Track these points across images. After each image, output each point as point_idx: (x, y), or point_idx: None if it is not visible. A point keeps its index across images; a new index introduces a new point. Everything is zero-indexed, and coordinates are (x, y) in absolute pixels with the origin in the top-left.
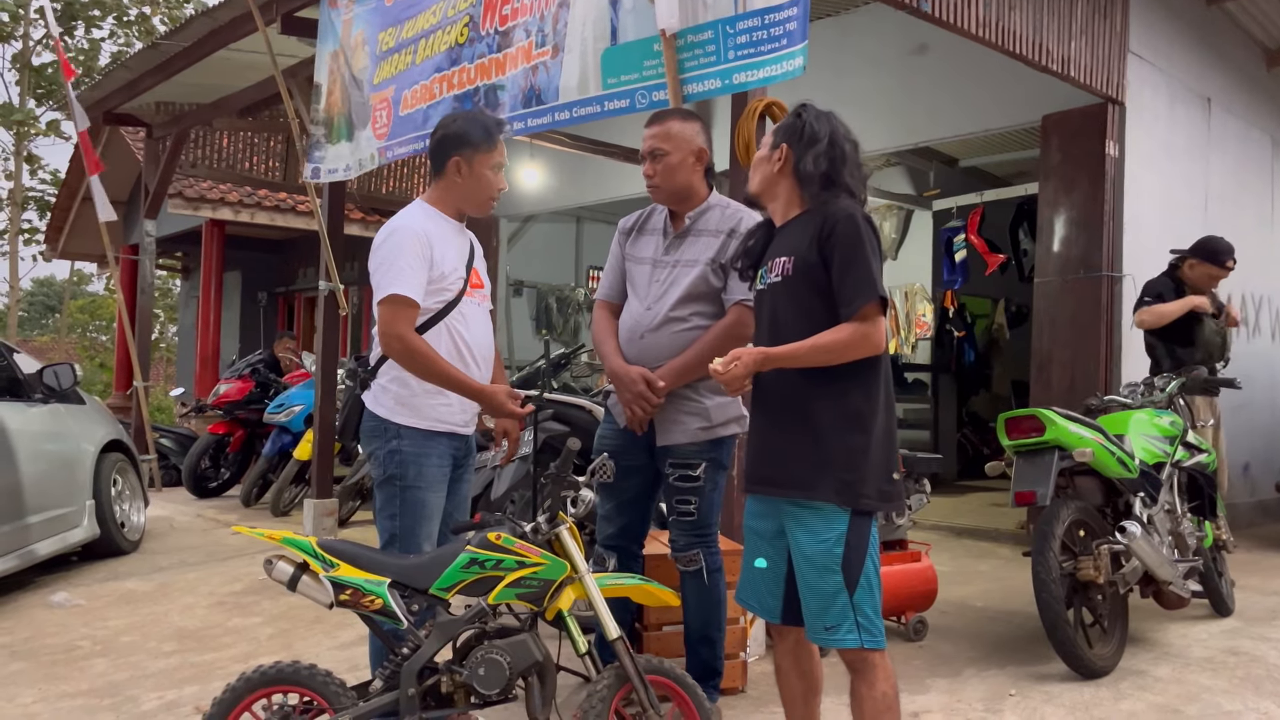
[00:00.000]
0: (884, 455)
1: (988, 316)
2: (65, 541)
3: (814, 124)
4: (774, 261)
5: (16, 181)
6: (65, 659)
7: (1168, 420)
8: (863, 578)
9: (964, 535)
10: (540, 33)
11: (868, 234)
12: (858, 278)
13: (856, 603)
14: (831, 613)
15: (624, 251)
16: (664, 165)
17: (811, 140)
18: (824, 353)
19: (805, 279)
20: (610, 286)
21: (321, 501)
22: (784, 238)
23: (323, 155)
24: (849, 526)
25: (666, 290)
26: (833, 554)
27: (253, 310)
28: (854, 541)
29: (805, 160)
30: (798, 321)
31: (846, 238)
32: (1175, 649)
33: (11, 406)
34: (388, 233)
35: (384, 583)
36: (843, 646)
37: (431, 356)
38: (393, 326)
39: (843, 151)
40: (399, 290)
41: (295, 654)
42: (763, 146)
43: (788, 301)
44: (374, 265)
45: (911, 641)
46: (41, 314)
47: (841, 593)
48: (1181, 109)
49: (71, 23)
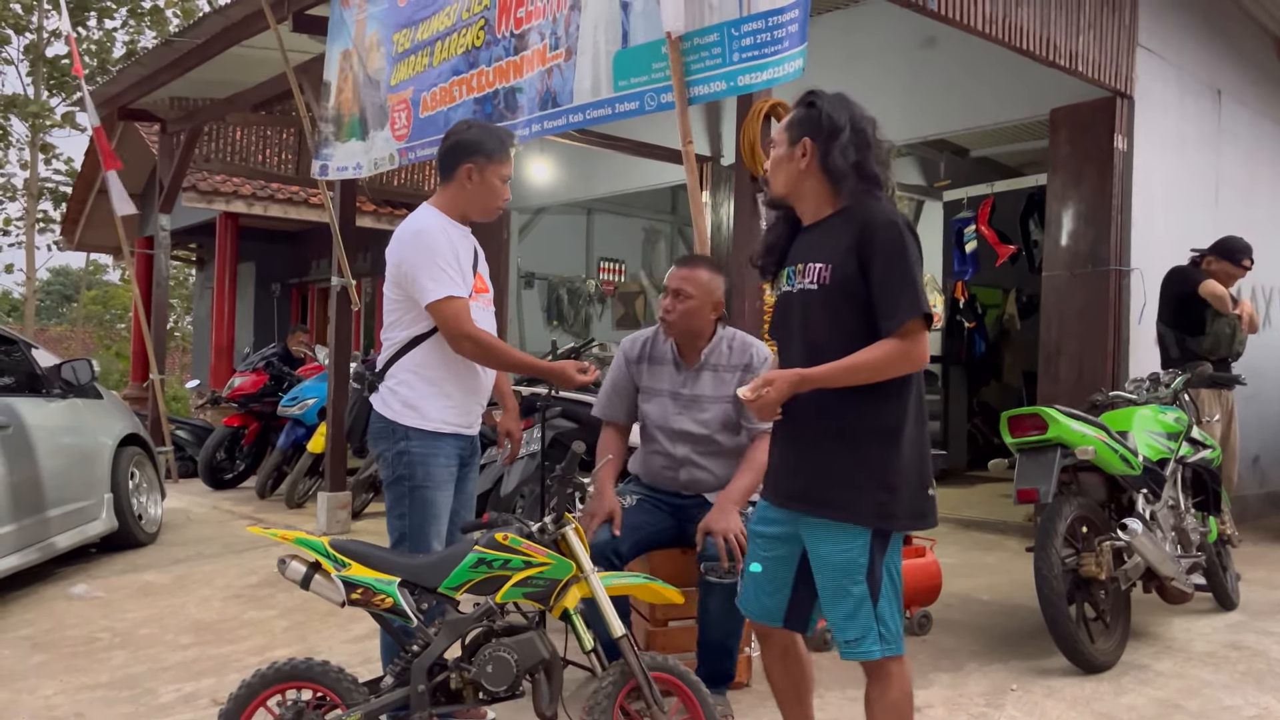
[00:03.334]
0: (917, 471)
1: (998, 307)
2: (84, 534)
3: (833, 112)
4: (807, 266)
5: (32, 173)
6: (85, 651)
7: (1172, 416)
8: (886, 587)
9: (972, 527)
10: (554, 35)
11: (911, 243)
12: (901, 291)
13: (880, 614)
14: (855, 625)
15: (634, 380)
16: (685, 307)
17: (834, 131)
18: (864, 372)
19: (842, 290)
20: (617, 409)
21: (335, 494)
22: (817, 239)
23: (331, 152)
24: (873, 538)
25: (690, 425)
26: (858, 565)
27: (266, 301)
28: (878, 553)
29: (833, 154)
30: (833, 335)
31: (889, 246)
32: (1178, 643)
33: (31, 402)
34: (413, 232)
35: (394, 582)
36: (867, 659)
37: (503, 347)
38: (460, 327)
39: (867, 136)
40: (451, 291)
41: (309, 647)
42: (778, 144)
43: (823, 313)
44: (409, 267)
45: (915, 636)
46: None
47: (865, 603)
48: (1192, 101)
49: (85, 14)
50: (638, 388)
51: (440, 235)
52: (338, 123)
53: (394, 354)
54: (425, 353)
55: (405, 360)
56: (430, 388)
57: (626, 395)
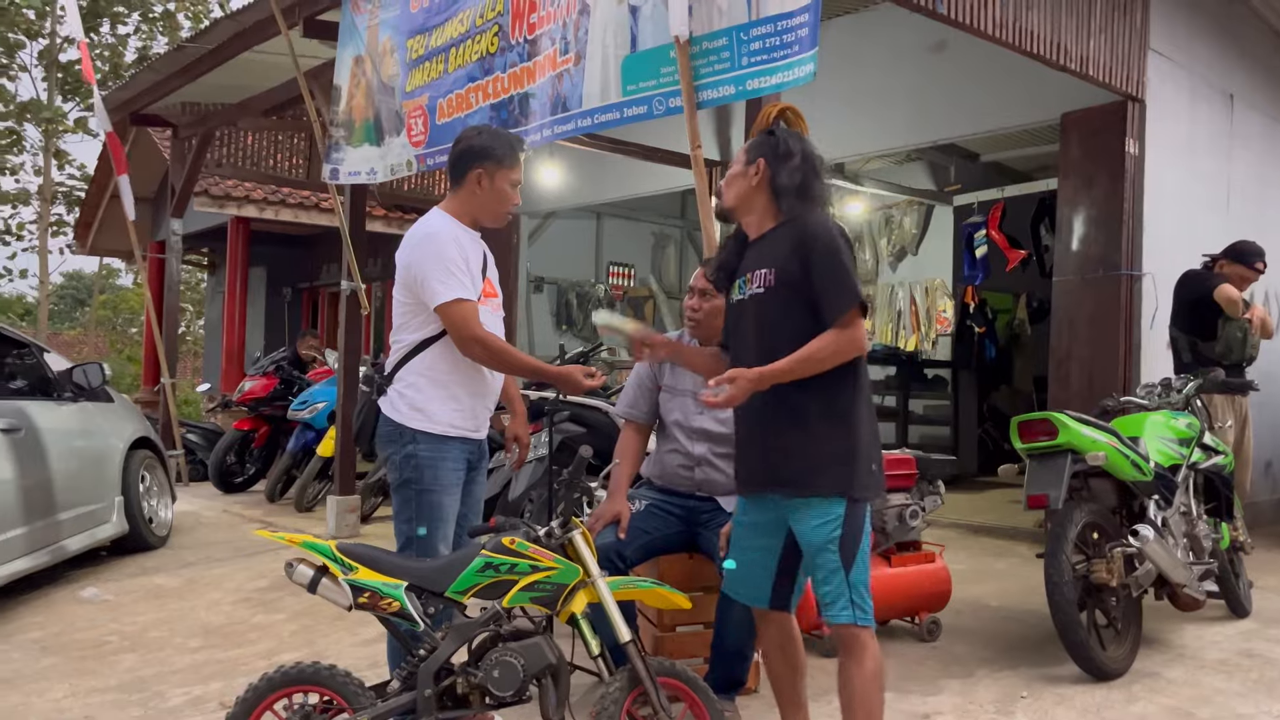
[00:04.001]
0: (869, 448)
1: (1009, 312)
2: (95, 537)
3: (787, 141)
4: (754, 273)
5: (46, 177)
6: (95, 654)
7: (1184, 422)
8: (858, 558)
9: (982, 533)
10: (564, 40)
11: (843, 245)
12: (838, 285)
13: (852, 581)
14: (828, 590)
15: (657, 379)
16: (711, 307)
17: (787, 155)
18: (814, 363)
19: (789, 288)
20: (638, 407)
21: (344, 498)
22: (762, 250)
23: (342, 157)
24: (845, 512)
25: (711, 424)
26: (832, 537)
27: (278, 305)
28: (850, 525)
29: (781, 174)
30: (783, 329)
31: (825, 248)
32: (1189, 651)
33: (42, 405)
34: (424, 236)
35: (401, 586)
36: (837, 621)
37: (510, 350)
38: (468, 330)
39: (814, 166)
40: (460, 294)
41: (317, 651)
42: (736, 162)
43: (773, 311)
44: (419, 270)
45: (925, 642)
46: (71, 307)
47: (839, 571)
48: (1204, 105)
49: (98, 19)
50: (660, 387)
51: (450, 239)
52: (349, 127)
53: (402, 357)
54: (434, 356)
55: (414, 363)
56: (438, 391)
57: (649, 395)
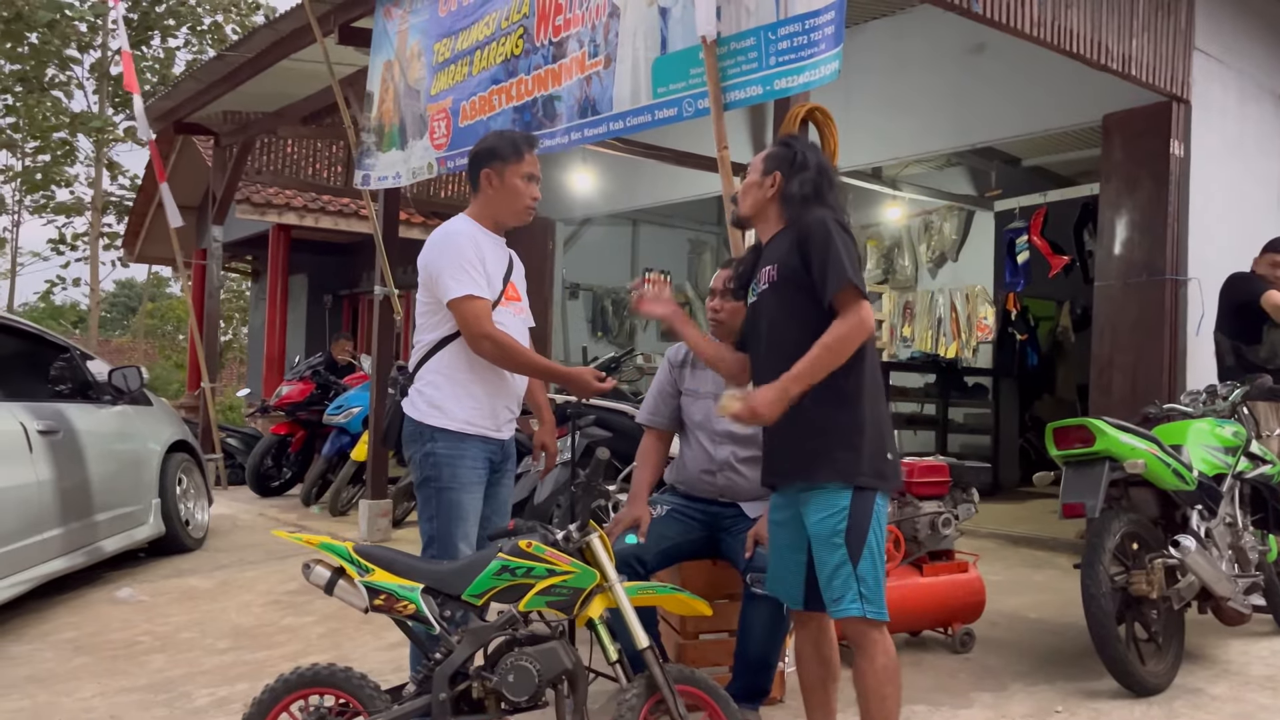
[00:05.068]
0: (876, 434)
1: (1052, 319)
2: (132, 539)
3: (804, 153)
4: (760, 273)
5: (97, 187)
6: (126, 654)
7: (1230, 430)
8: (865, 551)
9: (1021, 544)
10: (593, 43)
11: (838, 232)
12: (830, 268)
13: (860, 574)
14: (836, 584)
15: (677, 385)
16: (733, 305)
17: (802, 167)
18: (829, 355)
19: (789, 282)
20: (659, 413)
21: (376, 502)
22: (769, 252)
23: (373, 162)
24: (851, 502)
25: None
26: (837, 529)
27: (318, 312)
28: (856, 516)
29: (792, 183)
30: (788, 320)
31: (819, 237)
32: (1234, 666)
33: (81, 408)
34: (442, 235)
35: (417, 588)
36: (846, 615)
37: (521, 350)
38: (479, 326)
39: (829, 178)
40: (471, 290)
41: (343, 654)
42: (752, 171)
43: (776, 305)
44: (435, 268)
45: (957, 654)
46: (123, 315)
47: (845, 564)
48: (1253, 106)
49: (148, 32)
50: (681, 392)
51: (467, 239)
52: (379, 133)
53: (423, 356)
54: (452, 354)
55: (432, 362)
56: (456, 388)
57: (669, 400)
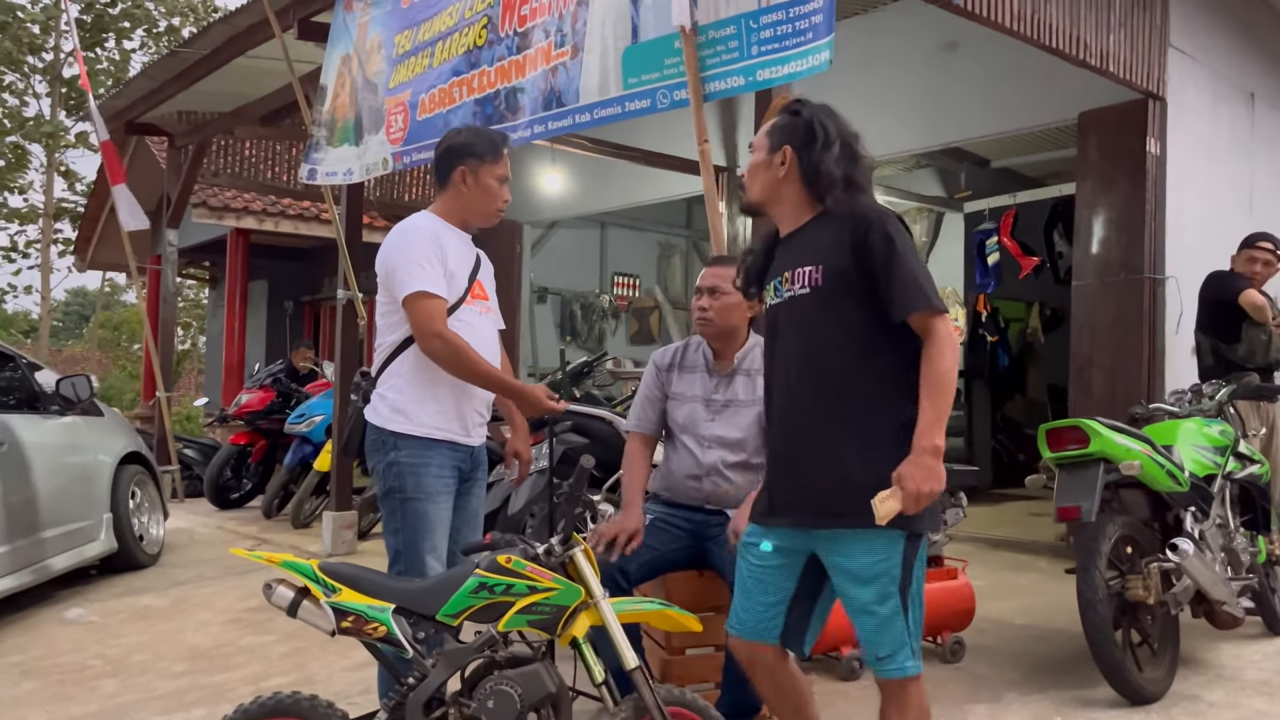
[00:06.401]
0: None
1: (1022, 320)
2: (82, 556)
3: (818, 122)
4: (795, 271)
5: (48, 194)
6: (75, 678)
7: (1218, 429)
8: (915, 598)
9: (1001, 547)
10: (559, 33)
11: (904, 234)
12: (908, 283)
13: (914, 628)
14: (887, 639)
15: (664, 389)
16: (722, 304)
17: (824, 141)
18: (947, 392)
19: (840, 288)
20: (645, 420)
21: (340, 514)
22: (801, 245)
23: (321, 157)
24: (905, 546)
25: (725, 430)
26: (891, 575)
27: (279, 319)
28: (910, 562)
29: (821, 161)
30: (837, 334)
31: (883, 240)
32: (1228, 671)
33: (27, 419)
34: (400, 231)
35: (388, 609)
36: (902, 675)
37: (471, 354)
38: (429, 325)
39: (851, 145)
40: (425, 286)
41: (307, 675)
42: (757, 149)
43: (821, 315)
44: (391, 265)
45: (948, 663)
46: (76, 324)
47: (898, 616)
48: (1225, 105)
49: (102, 34)
50: (667, 396)
51: (424, 234)
52: (330, 127)
53: (384, 359)
54: (415, 356)
55: (395, 365)
56: (420, 391)
57: (656, 404)
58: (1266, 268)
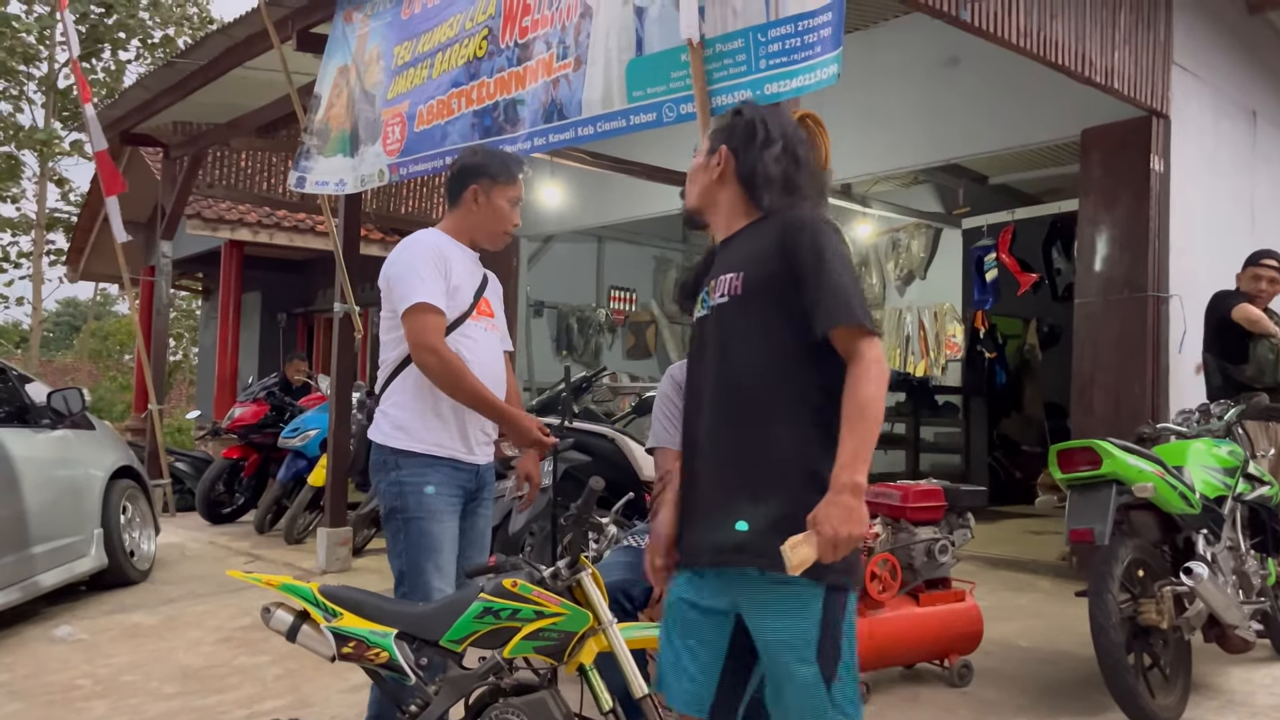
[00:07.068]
0: None
1: (1019, 337)
2: (72, 572)
3: (759, 121)
4: (718, 280)
5: (40, 204)
6: (63, 699)
7: (1227, 450)
8: (841, 668)
9: (1000, 566)
10: (561, 44)
11: (838, 243)
12: (834, 294)
13: (835, 699)
14: (798, 712)
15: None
16: None
17: (763, 141)
18: (871, 421)
19: (762, 294)
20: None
21: (335, 530)
22: (730, 252)
23: (311, 165)
24: (824, 604)
25: None
26: (807, 639)
27: (272, 331)
28: (833, 622)
29: (758, 162)
30: (756, 344)
31: (812, 246)
32: (1239, 696)
33: (17, 433)
34: (403, 245)
35: (390, 634)
36: None
37: (465, 373)
38: (424, 338)
39: (795, 150)
40: (423, 299)
41: (302, 698)
42: (698, 153)
43: (741, 322)
44: (391, 279)
45: (955, 687)
46: (67, 334)
47: (818, 686)
48: (1227, 122)
49: (97, 45)
50: None
51: (428, 248)
52: (323, 136)
53: (387, 376)
54: (418, 372)
55: (397, 382)
56: (422, 408)
57: (675, 420)
58: (1271, 285)
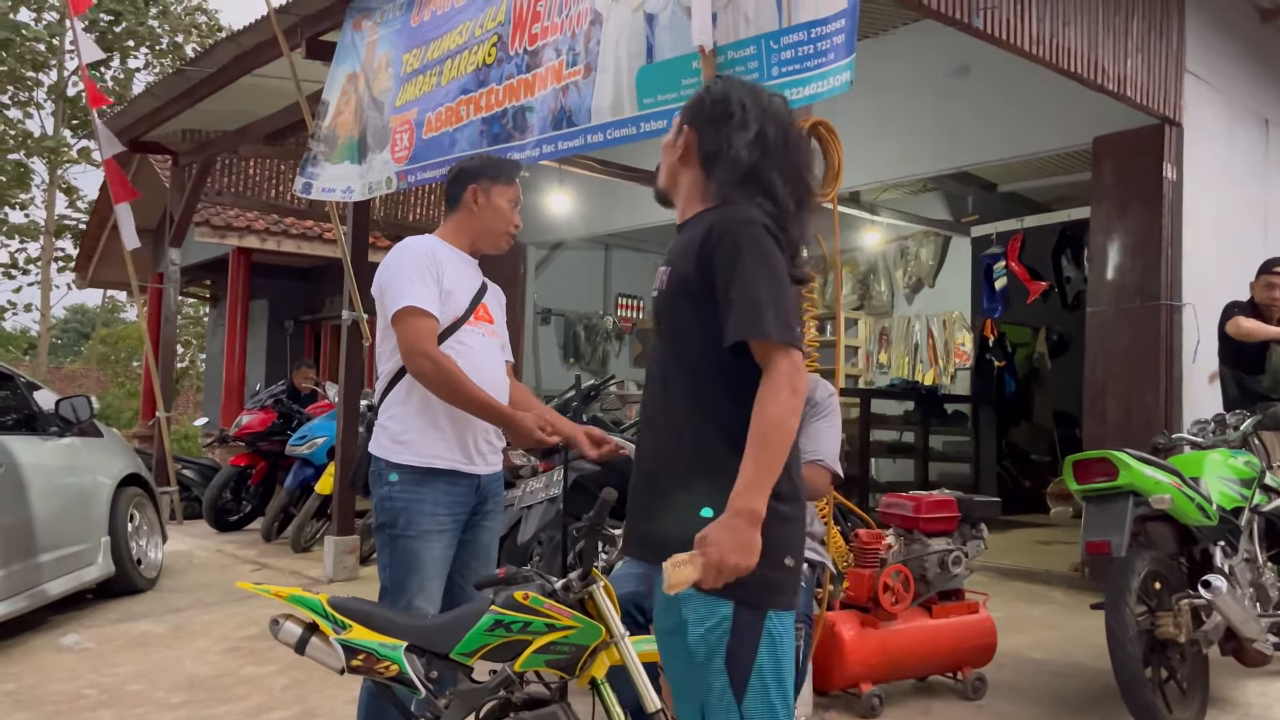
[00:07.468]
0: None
1: (1028, 345)
2: (79, 580)
3: (735, 102)
4: (659, 271)
5: (49, 210)
6: (69, 709)
7: (1243, 461)
8: (755, 680)
9: (1013, 576)
10: (571, 51)
11: (759, 243)
12: (743, 303)
13: (748, 714)
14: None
15: None
16: None
17: (737, 124)
18: (770, 446)
19: (680, 292)
20: None
21: (342, 539)
22: (674, 242)
23: (317, 171)
24: (736, 619)
25: None
26: (716, 647)
27: (279, 339)
28: (746, 641)
29: (723, 145)
30: (671, 343)
31: (729, 245)
32: (1255, 710)
33: (25, 440)
34: (394, 251)
35: (400, 646)
36: None
37: (461, 378)
38: (417, 344)
39: (768, 143)
40: (413, 302)
41: (309, 708)
42: (671, 130)
43: (666, 320)
44: (382, 286)
45: (969, 701)
46: (75, 341)
47: (726, 695)
48: (1240, 130)
49: (107, 53)
50: None
51: (419, 252)
52: (330, 143)
53: (385, 387)
54: (412, 382)
55: (394, 392)
56: (419, 419)
57: None
58: (1271, 290)
